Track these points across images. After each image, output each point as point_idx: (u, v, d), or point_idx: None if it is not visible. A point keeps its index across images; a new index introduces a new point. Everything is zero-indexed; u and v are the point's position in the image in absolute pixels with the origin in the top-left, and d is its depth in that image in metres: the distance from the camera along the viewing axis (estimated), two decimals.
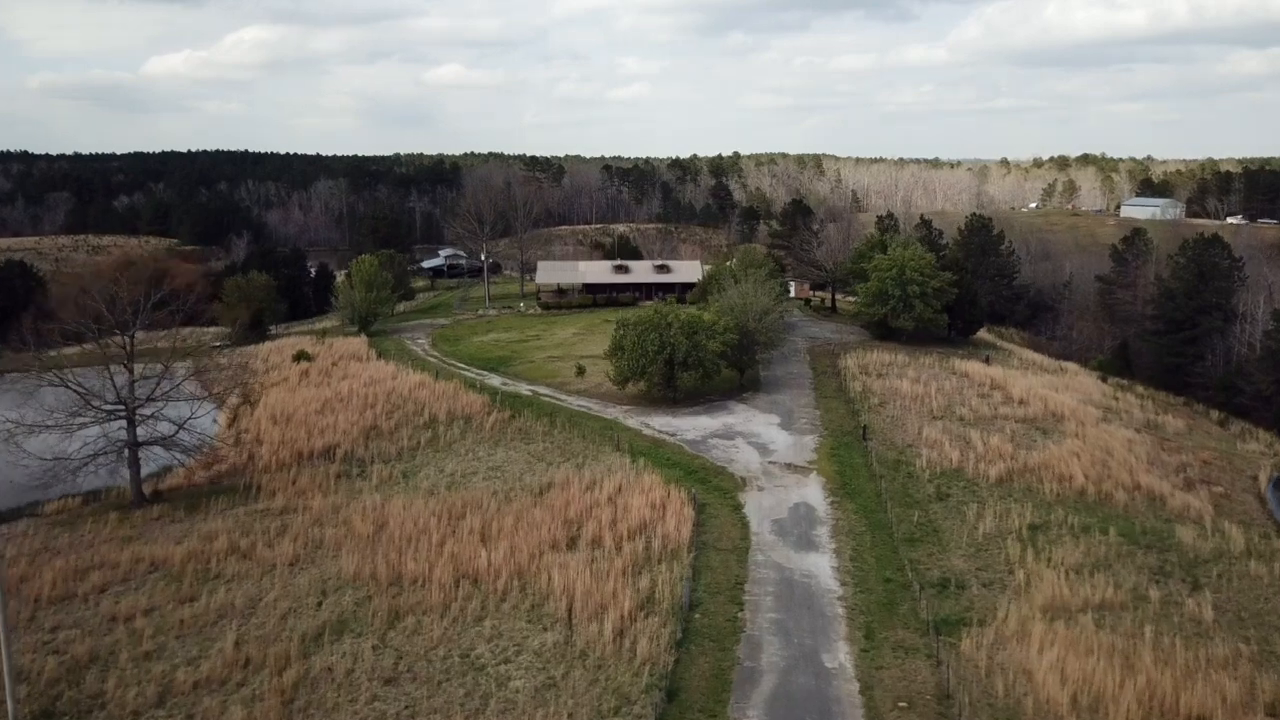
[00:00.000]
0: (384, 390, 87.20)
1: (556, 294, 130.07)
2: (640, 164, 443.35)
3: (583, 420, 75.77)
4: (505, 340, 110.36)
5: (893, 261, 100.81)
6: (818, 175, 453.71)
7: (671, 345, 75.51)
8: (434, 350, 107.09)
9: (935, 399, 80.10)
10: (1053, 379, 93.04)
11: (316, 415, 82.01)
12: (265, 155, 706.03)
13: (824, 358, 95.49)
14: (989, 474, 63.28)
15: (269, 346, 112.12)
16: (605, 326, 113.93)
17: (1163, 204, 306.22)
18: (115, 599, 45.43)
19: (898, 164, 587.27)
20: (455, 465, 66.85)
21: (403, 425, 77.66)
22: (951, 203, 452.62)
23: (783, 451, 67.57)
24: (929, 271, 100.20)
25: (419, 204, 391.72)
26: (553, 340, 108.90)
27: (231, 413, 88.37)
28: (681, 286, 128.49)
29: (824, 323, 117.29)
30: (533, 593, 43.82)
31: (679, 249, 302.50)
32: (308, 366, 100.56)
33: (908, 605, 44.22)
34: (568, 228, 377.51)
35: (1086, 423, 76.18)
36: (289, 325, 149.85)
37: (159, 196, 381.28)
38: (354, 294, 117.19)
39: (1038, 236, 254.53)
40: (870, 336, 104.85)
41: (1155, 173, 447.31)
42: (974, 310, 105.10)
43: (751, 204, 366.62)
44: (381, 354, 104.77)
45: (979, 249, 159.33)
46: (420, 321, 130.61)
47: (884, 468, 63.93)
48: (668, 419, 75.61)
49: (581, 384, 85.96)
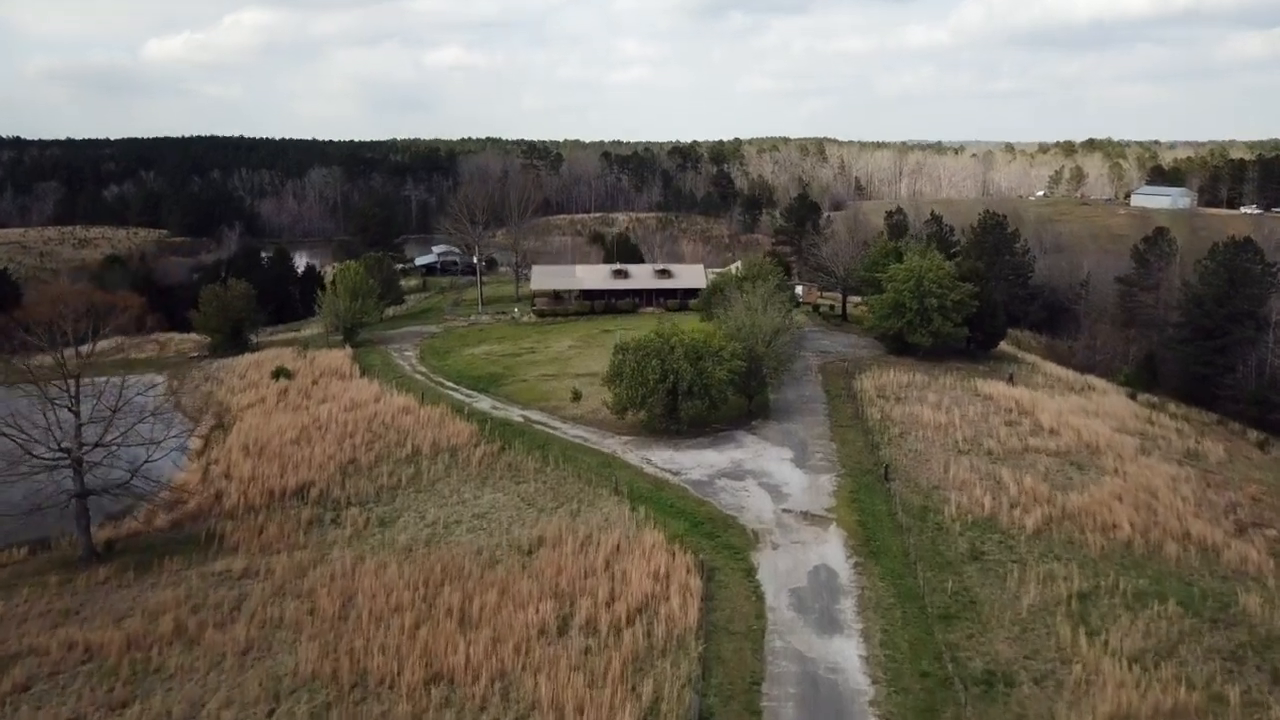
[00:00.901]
0: (365, 416, 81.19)
1: (553, 300, 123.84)
2: (640, 151, 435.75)
3: (578, 454, 69.78)
4: (498, 353, 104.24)
5: (910, 272, 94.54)
6: (820, 162, 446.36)
7: (674, 373, 69.40)
8: (422, 365, 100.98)
9: (960, 428, 74.05)
10: (1081, 400, 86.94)
11: (292, 446, 75.97)
12: (260, 141, 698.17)
13: (838, 377, 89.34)
14: (1025, 523, 57.31)
15: (248, 360, 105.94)
16: (604, 338, 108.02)
17: (1175, 193, 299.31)
18: (37, 703, 39.47)
19: (901, 149, 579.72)
20: (437, 511, 60.85)
21: (383, 459, 71.70)
22: (956, 189, 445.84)
23: (798, 495, 61.54)
24: (948, 283, 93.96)
25: (414, 193, 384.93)
26: (548, 354, 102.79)
27: (204, 441, 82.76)
28: (684, 293, 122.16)
29: (835, 333, 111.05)
30: (516, 703, 37.81)
31: (680, 241, 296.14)
32: (286, 385, 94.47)
33: (951, 712, 38.27)
34: (565, 217, 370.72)
35: (1125, 456, 70.18)
36: (274, 329, 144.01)
37: (150, 186, 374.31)
38: (338, 302, 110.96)
39: (1048, 228, 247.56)
40: (885, 351, 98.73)
41: (1164, 159, 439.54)
42: (994, 322, 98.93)
43: (754, 192, 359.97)
44: (366, 370, 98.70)
45: (992, 247, 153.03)
46: (409, 328, 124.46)
47: (910, 517, 57.95)
48: (670, 453, 69.57)
49: (577, 409, 79.90)
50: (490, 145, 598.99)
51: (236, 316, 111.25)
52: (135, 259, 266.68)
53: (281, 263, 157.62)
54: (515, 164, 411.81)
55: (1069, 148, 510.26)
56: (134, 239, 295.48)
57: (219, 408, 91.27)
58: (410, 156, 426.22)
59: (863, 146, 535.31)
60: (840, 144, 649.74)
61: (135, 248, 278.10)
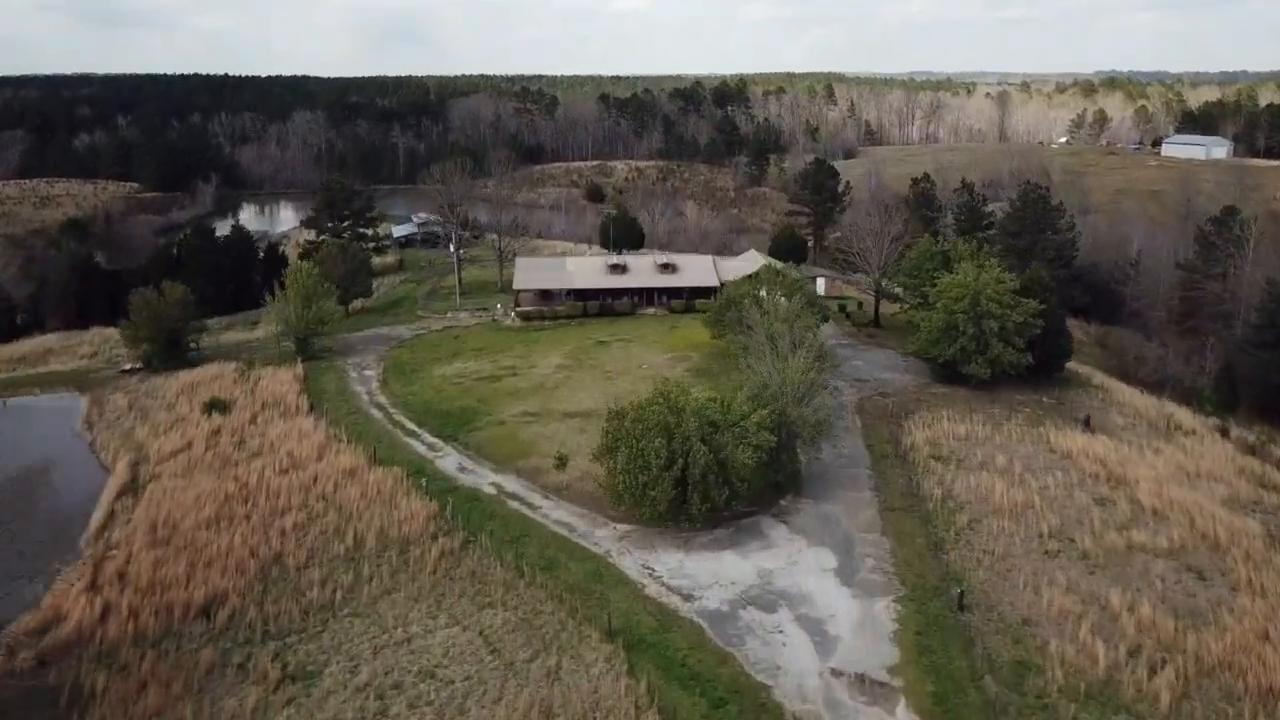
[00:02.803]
0: (304, 481, 66.26)
1: (539, 298, 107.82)
2: (640, 93, 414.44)
3: (561, 557, 54.89)
4: (472, 375, 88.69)
5: (963, 288, 78.58)
6: (829, 103, 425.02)
7: (684, 455, 54.15)
8: (383, 393, 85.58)
9: (1042, 512, 59.09)
10: (1175, 454, 71.68)
11: (208, 528, 61.18)
12: (247, 80, 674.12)
13: (880, 422, 73.91)
14: (1157, 690, 42.67)
15: (183, 381, 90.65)
16: (598, 354, 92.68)
17: (1209, 142, 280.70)
18: None
19: (910, 86, 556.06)
20: (373, 665, 45.96)
21: (317, 555, 56.85)
22: (972, 132, 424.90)
23: (849, 640, 46.66)
24: (1009, 300, 78.17)
25: (402, 139, 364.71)
26: (531, 377, 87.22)
27: (107, 512, 67.89)
28: (690, 291, 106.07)
29: (868, 347, 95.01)
30: None
31: (682, 198, 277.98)
32: (220, 423, 79.35)
33: None
34: (561, 166, 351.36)
35: (1254, 556, 55.24)
36: (232, 320, 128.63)
37: (123, 135, 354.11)
38: (288, 309, 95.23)
39: (1075, 183, 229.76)
40: (931, 378, 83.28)
41: (1190, 100, 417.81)
42: (1060, 341, 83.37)
43: (760, 137, 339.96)
44: (316, 400, 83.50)
45: (1033, 223, 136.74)
46: (376, 330, 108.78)
47: (1002, 685, 43.21)
48: (680, 557, 54.60)
49: (562, 477, 64.73)
50: (483, 84, 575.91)
51: (172, 325, 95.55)
52: (100, 219, 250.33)
53: (242, 242, 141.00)
54: (508, 108, 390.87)
55: (1089, 88, 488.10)
56: (101, 195, 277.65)
57: (137, 454, 76.29)
58: (398, 100, 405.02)
59: (872, 87, 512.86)
60: (847, 81, 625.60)
61: (101, 206, 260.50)
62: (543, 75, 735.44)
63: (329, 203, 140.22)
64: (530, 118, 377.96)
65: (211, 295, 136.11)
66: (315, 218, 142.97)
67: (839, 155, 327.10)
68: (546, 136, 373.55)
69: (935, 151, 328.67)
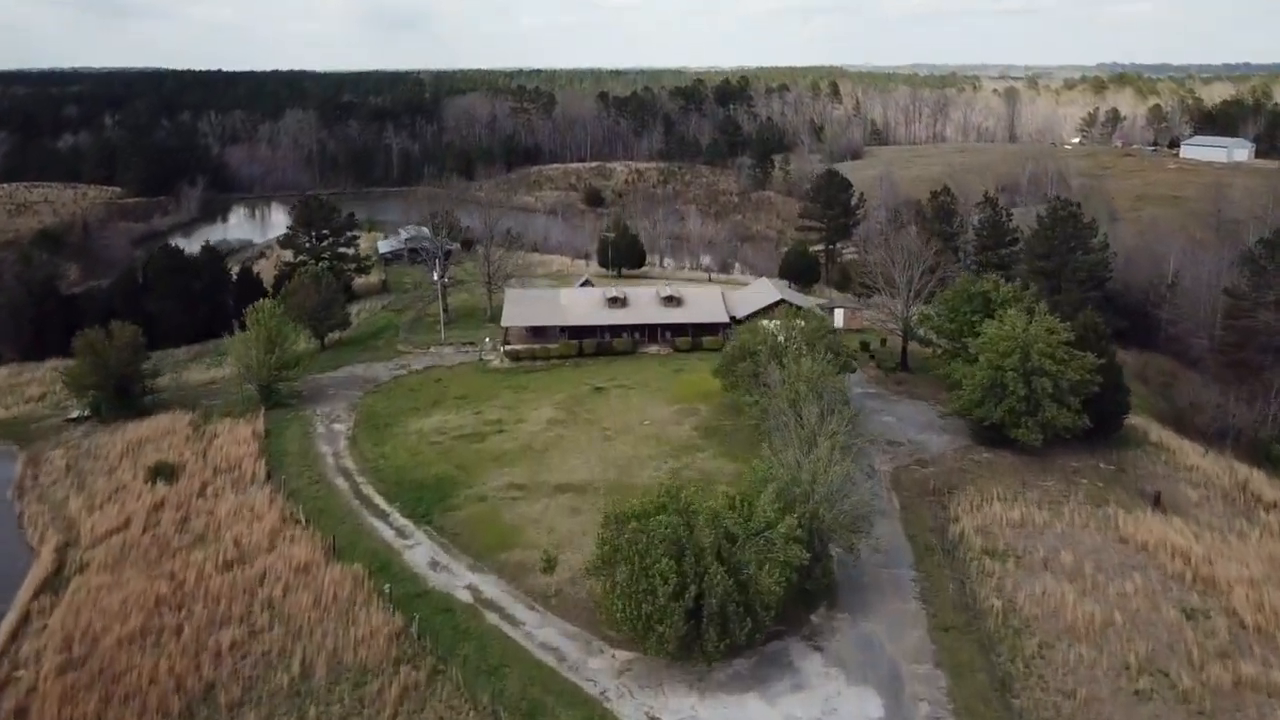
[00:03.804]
0: (249, 579, 56.67)
1: (530, 335, 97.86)
2: (640, 91, 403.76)
3: (547, 701, 45.16)
4: (454, 432, 78.76)
5: (1012, 340, 68.59)
6: (833, 101, 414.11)
7: (699, 580, 44.39)
8: (351, 454, 75.68)
9: (1123, 629, 49.35)
10: (1264, 542, 61.88)
11: (133, 643, 51.54)
12: (241, 75, 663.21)
13: (920, 502, 64.03)
14: None
15: (128, 439, 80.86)
16: (594, 402, 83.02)
17: (1230, 144, 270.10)
18: None
19: (913, 82, 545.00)
20: None
21: (256, 687, 47.22)
22: (978, 131, 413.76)
23: None
24: (1063, 354, 68.28)
25: (396, 140, 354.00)
26: (519, 434, 77.35)
27: (20, 617, 58.22)
28: (696, 329, 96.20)
29: (898, 398, 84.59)
30: None
31: (683, 201, 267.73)
32: (165, 495, 69.67)
33: None
34: (558, 167, 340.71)
35: None
36: (201, 348, 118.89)
37: (107, 136, 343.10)
38: (250, 353, 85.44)
39: (1096, 189, 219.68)
40: (971, 439, 73.36)
41: (1203, 96, 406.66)
42: (1119, 398, 73.51)
43: (763, 136, 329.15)
44: (275, 465, 73.75)
45: (1063, 243, 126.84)
46: (351, 369, 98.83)
47: None
48: (692, 704, 44.82)
49: (551, 580, 54.95)
50: (482, 80, 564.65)
51: (121, 371, 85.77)
52: (77, 228, 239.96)
53: (214, 263, 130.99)
54: (504, 107, 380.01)
55: (1098, 84, 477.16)
56: (82, 201, 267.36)
57: (67, 534, 66.63)
58: (392, 99, 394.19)
59: (875, 83, 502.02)
60: (849, 74, 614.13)
61: (80, 212, 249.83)
62: (541, 70, 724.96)
63: (306, 220, 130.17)
64: (527, 117, 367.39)
65: (180, 321, 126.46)
66: (293, 236, 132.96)
67: (845, 157, 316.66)
68: (544, 136, 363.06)
69: (945, 153, 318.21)
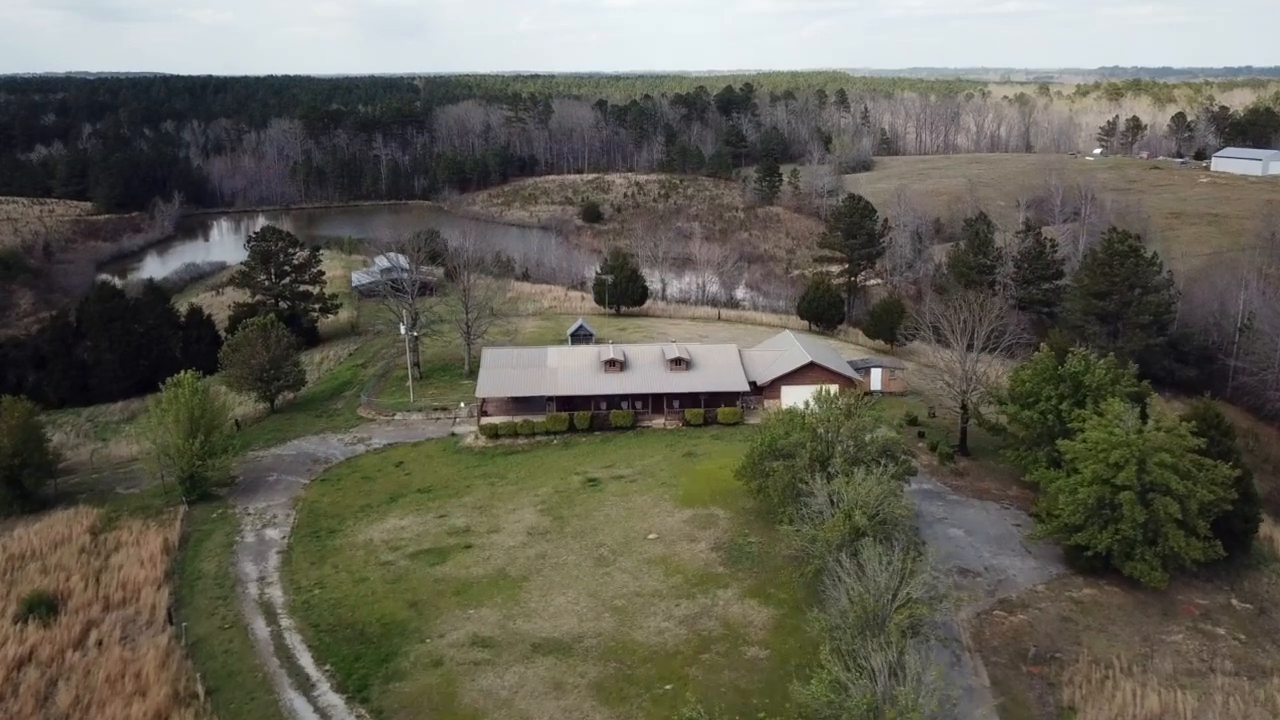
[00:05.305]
0: None
1: (511, 407, 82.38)
2: (640, 99, 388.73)
3: None
4: (410, 544, 63.41)
5: (1126, 448, 52.93)
6: (840, 109, 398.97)
7: None
8: (280, 580, 60.32)
9: None
10: None
11: None
12: (232, 80, 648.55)
13: (1017, 681, 48.23)
14: None
15: (12, 548, 65.62)
16: (587, 501, 67.64)
17: (1266, 156, 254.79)
18: None
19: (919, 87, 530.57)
20: None
21: None
22: (991, 139, 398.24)
23: None
24: (1191, 467, 52.83)
25: (385, 151, 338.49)
26: (490, 553, 61.87)
27: None
28: (709, 398, 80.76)
29: (962, 497, 68.40)
30: None
31: (686, 211, 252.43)
32: (35, 642, 54.47)
33: None
34: (555, 179, 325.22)
35: None
36: (141, 404, 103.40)
37: (81, 147, 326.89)
38: (168, 438, 70.20)
39: (1132, 209, 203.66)
40: (1065, 565, 57.83)
41: (1221, 101, 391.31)
42: (1249, 509, 58.23)
43: (768, 145, 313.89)
44: (183, 595, 58.50)
45: (1124, 281, 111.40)
46: (301, 443, 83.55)
47: None
48: None
49: None
50: (478, 84, 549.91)
51: (9, 460, 70.56)
52: (37, 249, 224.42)
53: (156, 305, 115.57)
54: (499, 116, 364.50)
55: (1113, 89, 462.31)
56: (48, 218, 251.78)
57: None
58: (382, 108, 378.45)
59: (878, 86, 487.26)
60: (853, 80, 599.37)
61: (44, 232, 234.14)
62: (539, 75, 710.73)
63: (264, 256, 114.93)
64: (523, 126, 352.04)
65: (117, 373, 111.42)
66: (249, 274, 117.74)
67: (854, 168, 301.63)
68: (540, 147, 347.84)
69: (959, 163, 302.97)
